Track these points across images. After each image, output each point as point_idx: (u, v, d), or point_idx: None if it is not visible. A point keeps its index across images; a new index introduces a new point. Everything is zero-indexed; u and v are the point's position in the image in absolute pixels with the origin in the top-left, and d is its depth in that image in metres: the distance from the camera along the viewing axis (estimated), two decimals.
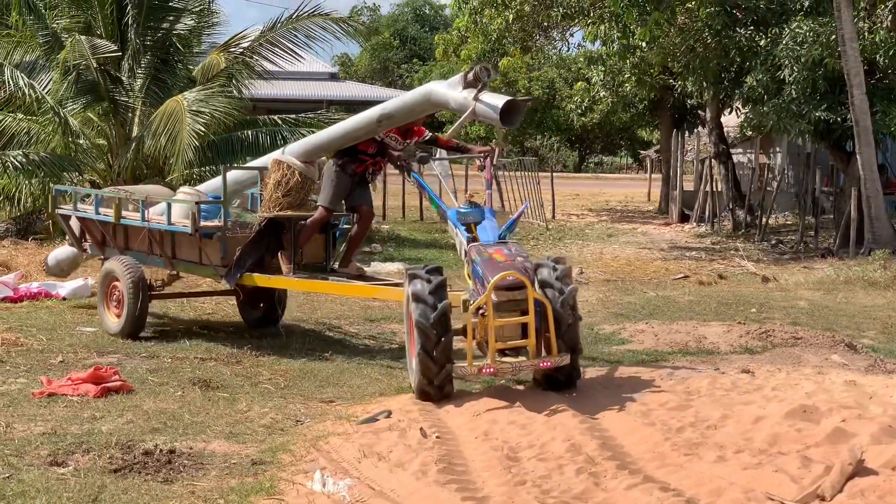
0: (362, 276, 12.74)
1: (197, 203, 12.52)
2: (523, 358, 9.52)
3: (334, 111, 37.53)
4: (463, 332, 9.69)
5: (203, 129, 18.74)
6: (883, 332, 14.05)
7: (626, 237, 28.44)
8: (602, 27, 24.80)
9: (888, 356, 12.17)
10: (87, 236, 14.56)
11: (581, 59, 33.76)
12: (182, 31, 23.69)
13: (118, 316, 13.02)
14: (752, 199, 30.01)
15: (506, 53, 30.09)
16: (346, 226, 13.02)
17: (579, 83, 37.00)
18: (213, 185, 14.25)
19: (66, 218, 14.88)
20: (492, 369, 9.36)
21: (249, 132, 22.42)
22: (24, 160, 20.31)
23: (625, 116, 43.30)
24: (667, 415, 8.70)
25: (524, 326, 9.43)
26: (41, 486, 7.23)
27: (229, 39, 24.31)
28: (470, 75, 11.30)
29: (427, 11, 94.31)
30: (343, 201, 12.57)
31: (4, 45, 22.68)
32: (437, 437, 8.30)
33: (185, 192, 13.96)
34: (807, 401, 8.86)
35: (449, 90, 11.62)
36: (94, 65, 20.80)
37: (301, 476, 7.46)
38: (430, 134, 12.56)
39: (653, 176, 43.41)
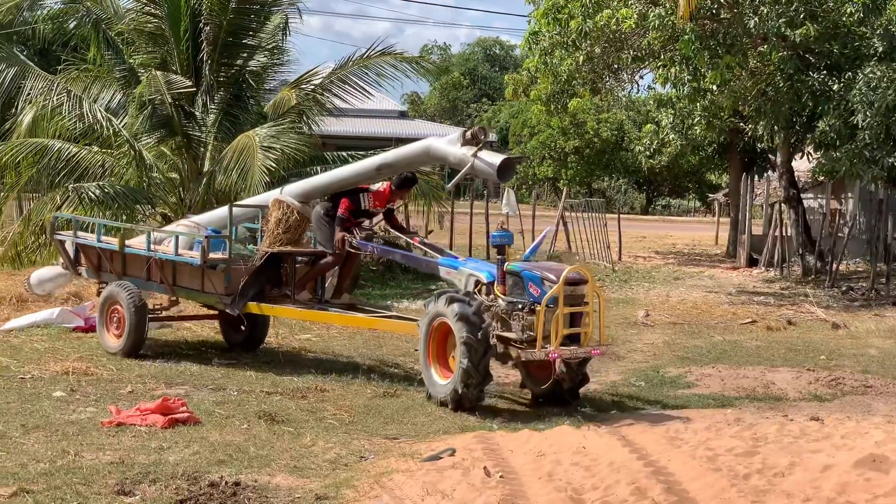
0: (354, 307, 13.77)
1: (207, 237, 13.49)
2: (576, 346, 11.14)
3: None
4: None
5: (274, 164, 18.92)
6: None
7: (692, 280, 28.21)
8: (672, 70, 24.67)
9: None
10: (84, 261, 15.28)
11: (651, 102, 33.69)
12: (254, 68, 23.90)
13: (118, 337, 13.84)
14: (822, 245, 29.62)
15: (575, 94, 30.03)
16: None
17: (648, 125, 36.86)
18: (208, 217, 15.27)
19: (62, 242, 15.59)
20: (556, 354, 10.77)
21: (319, 168, 22.52)
22: (99, 192, 20.60)
23: (693, 159, 43.04)
24: (733, 461, 8.61)
25: (573, 317, 11.12)
26: None
27: (301, 76, 24.52)
28: (468, 134, 12.84)
29: (497, 51, 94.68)
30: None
31: (83, 80, 23.08)
32: (501, 476, 8.28)
33: (184, 224, 15.06)
34: (876, 450, 8.74)
35: (448, 146, 13.06)
36: (169, 100, 21.10)
37: None
38: (388, 208, 13.85)
39: (721, 219, 43.03)
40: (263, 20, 23.77)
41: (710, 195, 58.71)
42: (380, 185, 13.67)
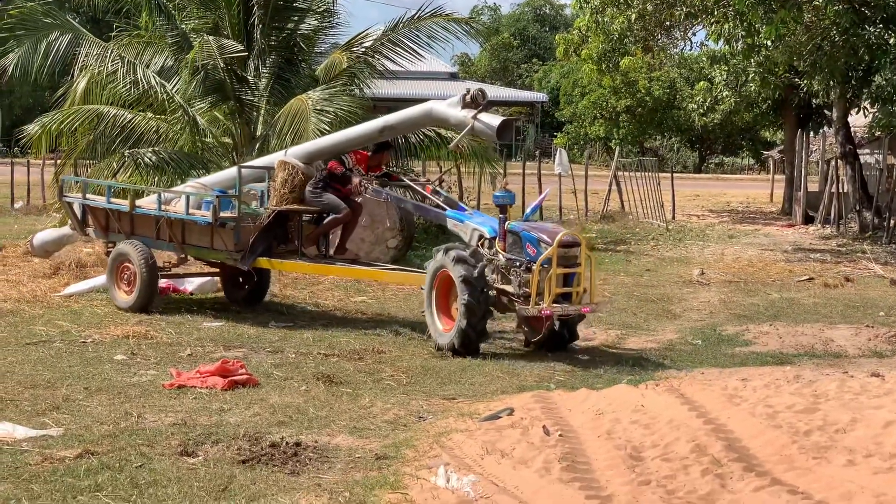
0: (357, 261, 14.70)
1: (218, 197, 14.21)
2: (567, 304, 11.86)
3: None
4: None
5: (328, 127, 18.89)
6: None
7: (747, 238, 27.99)
8: (726, 26, 24.38)
9: None
10: (91, 222, 15.81)
11: (704, 59, 33.32)
12: (306, 31, 23.87)
13: (128, 293, 14.44)
14: (879, 201, 29.29)
15: (627, 53, 29.82)
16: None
17: (701, 83, 36.50)
18: (215, 178, 16.10)
19: (70, 204, 16.10)
20: (548, 311, 11.58)
21: None
22: (154, 158, 20.72)
23: (748, 116, 42.71)
24: (794, 417, 8.54)
25: (566, 277, 11.80)
26: (172, 475, 7.40)
27: (351, 39, 24.46)
28: (468, 97, 13.43)
29: (547, 11, 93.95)
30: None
31: (135, 46, 23.16)
32: (560, 435, 8.28)
33: (192, 185, 15.65)
34: None
35: (448, 109, 13.77)
36: (221, 65, 21.13)
37: (424, 471, 7.50)
38: (385, 171, 14.71)
39: (775, 177, 42.60)
40: None
41: (764, 152, 58.21)
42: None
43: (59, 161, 24.73)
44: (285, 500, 6.96)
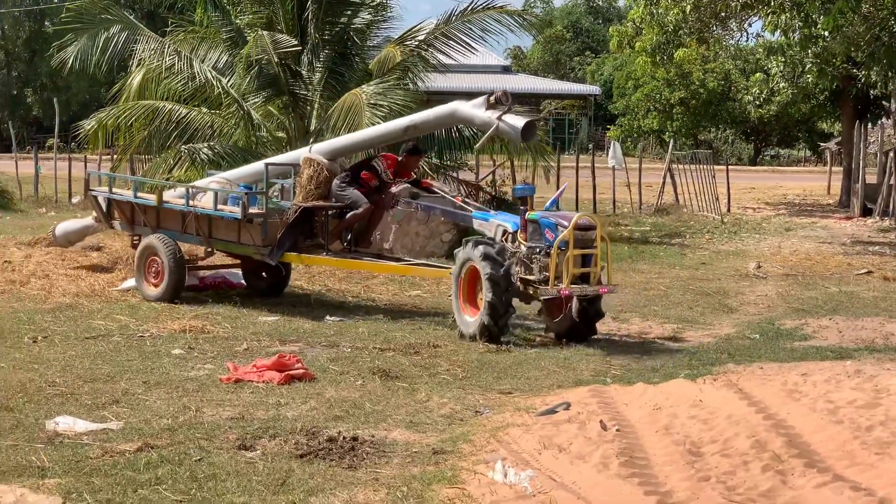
0: (381, 256, 15.23)
1: (247, 194, 14.53)
2: (585, 285, 12.25)
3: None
4: None
5: (381, 121, 18.96)
6: None
7: (804, 231, 27.75)
8: (783, 16, 24.14)
9: None
10: (117, 215, 16.15)
11: (760, 50, 32.99)
12: (359, 26, 23.94)
13: (156, 286, 14.76)
14: None
15: (682, 45, 29.59)
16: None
17: (757, 74, 36.13)
18: (238, 173, 16.27)
19: (96, 198, 16.43)
20: (567, 291, 12.01)
21: None
22: (209, 153, 20.86)
23: (804, 108, 42.26)
24: (855, 413, 8.44)
25: (585, 259, 12.27)
26: (231, 469, 7.44)
27: (405, 33, 24.48)
28: (492, 98, 13.86)
29: (601, 3, 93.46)
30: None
31: (190, 42, 23.35)
32: (618, 429, 8.23)
33: (216, 179, 15.85)
34: None
35: (473, 109, 14.19)
36: (276, 59, 21.25)
37: (482, 466, 7.49)
38: (415, 178, 15.04)
39: (833, 169, 42.14)
40: None
41: (821, 144, 57.60)
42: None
43: (114, 156, 24.99)
44: (343, 494, 6.97)
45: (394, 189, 14.52)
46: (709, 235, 26.20)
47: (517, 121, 13.74)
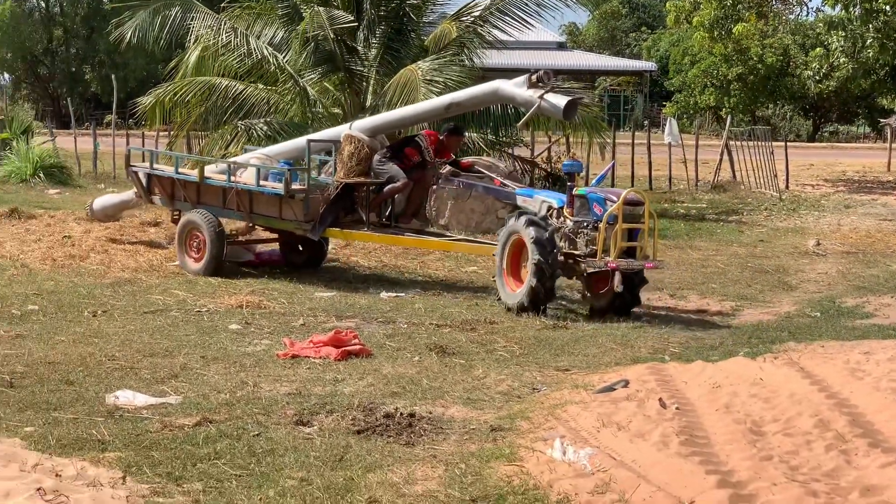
0: (422, 231, 15.14)
1: (290, 170, 14.61)
2: (631, 259, 12.33)
3: (562, 80, 37.33)
4: None
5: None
6: None
7: (864, 208, 27.35)
8: None
9: None
10: (158, 191, 16.17)
11: (820, 25, 32.51)
12: (414, 1, 23.88)
13: (197, 260, 14.89)
14: None
15: (740, 19, 29.25)
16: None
17: (817, 49, 35.58)
18: (278, 149, 16.46)
19: (136, 174, 16.53)
20: (614, 264, 12.04)
21: None
22: (266, 129, 20.93)
23: (864, 83, 41.66)
24: None
25: (632, 234, 12.35)
26: (289, 444, 7.43)
27: (460, 9, 24.39)
28: (534, 77, 14.01)
29: None
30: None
31: (245, 18, 23.42)
32: (677, 408, 8.14)
33: (257, 155, 16.00)
34: None
35: (515, 88, 14.33)
36: (332, 35, 21.27)
37: (540, 443, 7.43)
38: (454, 158, 15.24)
39: (893, 145, 41.56)
40: None
41: (881, 120, 56.79)
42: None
43: (171, 133, 25.13)
44: (401, 470, 6.95)
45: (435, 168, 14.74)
46: (767, 212, 25.91)
47: (559, 99, 13.92)
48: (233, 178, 15.12)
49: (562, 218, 12.75)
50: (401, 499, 6.49)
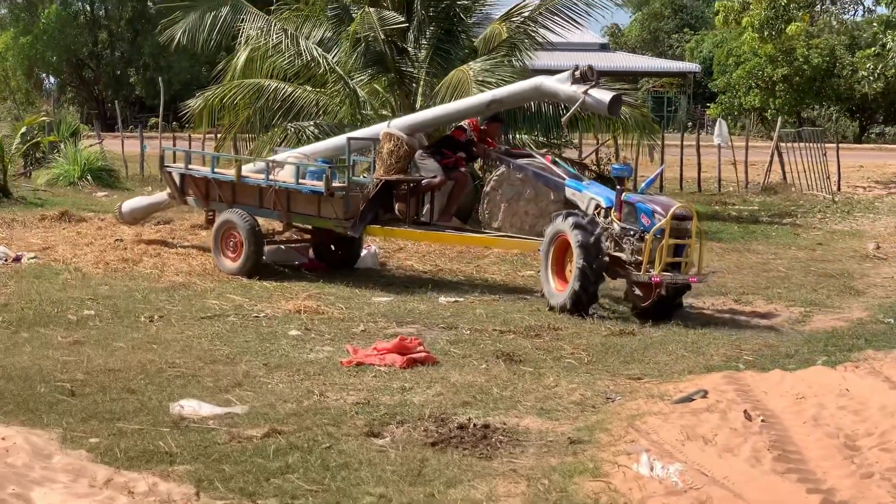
0: (463, 229, 15.07)
1: (330, 167, 14.58)
2: (676, 273, 12.15)
3: (604, 82, 36.94)
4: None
5: None
6: None
7: None
8: None
9: None
10: (192, 191, 16.04)
11: (875, 24, 31.87)
12: (464, 2, 23.55)
13: (234, 260, 14.73)
14: None
15: (791, 19, 28.74)
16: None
17: (867, 49, 34.92)
18: (314, 149, 16.47)
19: (170, 174, 16.38)
20: (658, 278, 11.89)
21: (533, 103, 22.03)
22: (315, 131, 20.67)
23: None
24: None
25: (677, 248, 12.10)
26: (363, 457, 7.17)
27: (510, 10, 24.01)
28: (578, 73, 13.93)
29: None
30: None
31: (294, 20, 23.15)
32: (763, 420, 7.82)
33: (295, 154, 15.86)
34: None
35: (558, 84, 14.28)
36: (382, 36, 20.96)
37: (623, 457, 7.12)
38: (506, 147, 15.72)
39: None
40: None
41: None
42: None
43: (218, 135, 24.94)
44: (482, 486, 6.66)
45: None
46: (821, 215, 25.41)
47: (604, 95, 13.85)
48: (271, 177, 14.97)
49: (609, 219, 12.61)
50: None
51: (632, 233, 12.31)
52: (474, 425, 7.91)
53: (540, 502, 6.45)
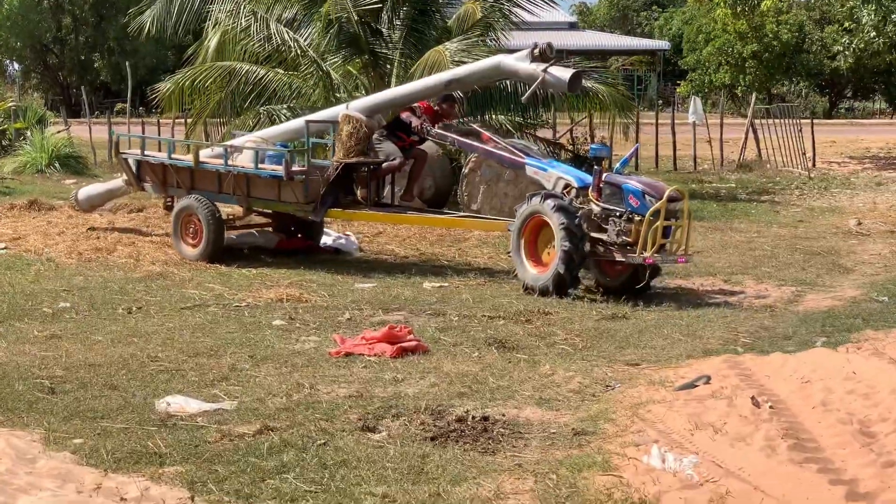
0: (423, 209, 15.15)
1: (290, 151, 14.52)
2: (665, 253, 12.16)
3: (574, 61, 36.65)
4: None
5: None
6: None
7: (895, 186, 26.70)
8: None
9: None
10: (149, 177, 15.86)
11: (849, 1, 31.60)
12: None
13: (194, 246, 14.61)
14: None
15: None
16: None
17: (846, 24, 34.55)
18: (272, 132, 16.39)
19: (126, 160, 16.20)
20: (651, 260, 11.87)
21: (508, 83, 21.72)
22: (289, 115, 20.30)
23: (890, 57, 40.77)
24: None
25: (666, 229, 11.98)
26: (361, 454, 6.86)
27: None
28: (536, 51, 13.84)
29: None
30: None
31: (265, 2, 22.74)
32: (771, 406, 7.56)
33: (251, 138, 15.76)
34: None
35: (518, 63, 14.23)
36: (355, 17, 20.64)
37: (632, 449, 6.85)
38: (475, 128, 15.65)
39: None
40: None
41: None
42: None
43: (188, 120, 24.55)
44: (488, 483, 6.36)
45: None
46: (798, 191, 25.31)
47: (563, 72, 13.82)
48: (229, 162, 14.77)
49: (580, 199, 12.42)
50: None
51: (617, 213, 12.09)
52: (473, 418, 7.61)
53: (550, 498, 6.17)
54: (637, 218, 11.93)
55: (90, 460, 6.73)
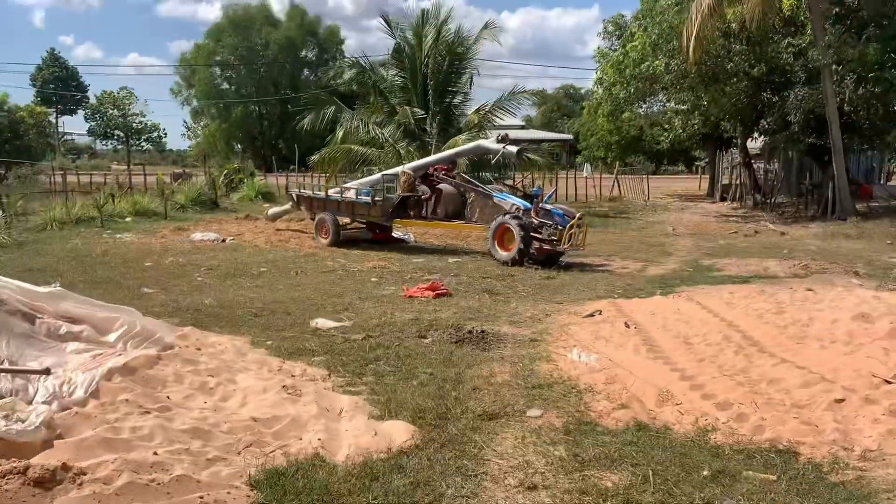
0: (442, 219, 14.15)
1: (375, 189, 14.07)
2: (573, 246, 11.78)
3: (523, 145, 36.06)
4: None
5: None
6: (869, 265, 12.04)
7: (691, 210, 26.00)
8: (681, 95, 22.58)
9: (884, 280, 10.32)
10: (303, 204, 15.41)
11: (669, 112, 31.01)
12: (455, 102, 22.83)
13: (325, 238, 14.20)
14: (764, 188, 27.12)
15: (625, 111, 27.89)
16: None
17: (658, 128, 34.13)
18: (366, 180, 15.53)
19: (291, 195, 15.87)
20: (566, 248, 11.59)
21: (491, 156, 21.05)
22: (377, 171, 19.82)
23: (688, 143, 40.01)
24: (773, 317, 7.29)
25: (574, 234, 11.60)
26: (418, 351, 6.56)
27: (479, 107, 23.28)
28: (499, 137, 13.76)
29: (572, 91, 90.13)
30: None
31: (365, 113, 22.38)
32: (635, 327, 7.22)
33: (354, 184, 15.07)
34: (859, 308, 7.30)
35: (490, 144, 14.07)
36: (412, 122, 20.24)
37: (562, 350, 6.53)
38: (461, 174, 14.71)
39: (702, 175, 39.99)
40: (459, 76, 22.73)
41: (696, 163, 54.84)
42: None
43: (327, 174, 24.13)
44: (486, 367, 6.07)
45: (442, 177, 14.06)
46: (641, 213, 24.74)
47: (513, 148, 13.66)
48: (343, 195, 14.56)
49: (527, 216, 12.03)
50: (491, 386, 5.62)
51: (550, 224, 11.81)
52: (476, 330, 7.29)
53: (520, 377, 5.86)
54: (559, 228, 11.71)
55: (275, 354, 6.45)
